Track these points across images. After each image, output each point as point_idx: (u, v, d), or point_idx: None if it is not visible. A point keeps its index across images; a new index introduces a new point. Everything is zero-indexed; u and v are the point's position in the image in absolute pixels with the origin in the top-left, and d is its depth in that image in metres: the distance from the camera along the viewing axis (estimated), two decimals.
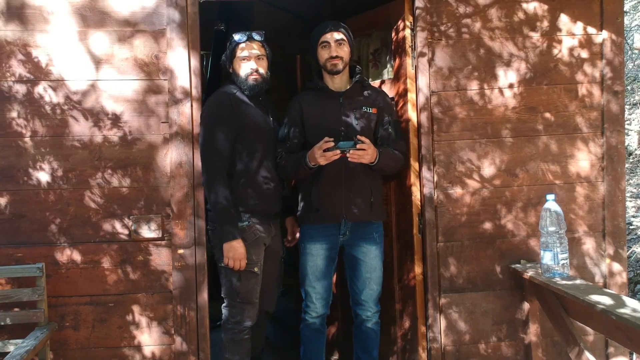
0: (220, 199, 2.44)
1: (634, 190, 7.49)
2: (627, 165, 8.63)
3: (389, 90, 2.80)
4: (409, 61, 2.66)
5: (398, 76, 2.75)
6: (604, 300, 1.96)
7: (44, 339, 2.30)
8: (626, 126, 9.44)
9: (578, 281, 2.30)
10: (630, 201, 7.13)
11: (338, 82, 2.59)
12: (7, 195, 2.51)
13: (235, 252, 2.45)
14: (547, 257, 2.35)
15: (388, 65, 2.88)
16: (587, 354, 2.15)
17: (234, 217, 2.47)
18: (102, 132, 2.54)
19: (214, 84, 4.14)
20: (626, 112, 9.38)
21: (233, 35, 2.58)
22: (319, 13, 3.81)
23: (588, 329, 2.58)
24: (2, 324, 2.40)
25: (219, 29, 4.43)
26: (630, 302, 1.92)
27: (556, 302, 2.34)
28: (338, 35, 2.52)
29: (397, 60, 2.75)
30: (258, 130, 2.56)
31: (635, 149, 8.95)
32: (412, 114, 2.67)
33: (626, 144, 9.15)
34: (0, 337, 2.45)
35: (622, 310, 1.84)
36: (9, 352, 2.30)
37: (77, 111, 2.53)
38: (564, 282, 2.27)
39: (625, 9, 7.69)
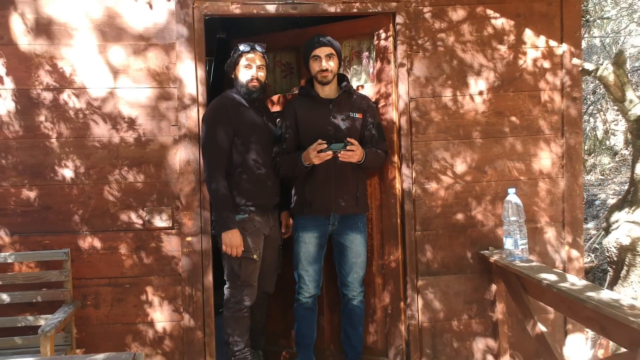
0: (220, 188, 2.78)
1: (617, 189, 7.82)
2: (612, 164, 8.97)
3: (370, 90, 3.13)
4: (390, 67, 3.01)
5: (379, 78, 3.09)
6: (550, 277, 2.30)
7: (70, 313, 2.64)
8: (612, 126, 9.78)
9: (534, 263, 2.65)
10: (613, 199, 7.45)
11: (328, 90, 2.94)
12: (36, 189, 2.86)
13: (232, 240, 2.79)
14: (508, 243, 2.70)
15: (362, 72, 3.21)
16: (539, 325, 2.49)
17: (232, 205, 2.81)
18: (119, 133, 2.88)
19: (216, 88, 4.48)
20: (613, 114, 9.72)
21: (238, 45, 2.92)
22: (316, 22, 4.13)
23: (550, 308, 2.92)
24: (34, 301, 2.75)
25: (221, 37, 4.78)
26: (570, 278, 2.26)
27: (517, 282, 2.68)
28: (328, 50, 2.86)
29: (379, 64, 3.08)
30: (254, 131, 2.89)
31: (621, 149, 9.27)
32: (393, 114, 3.02)
33: (612, 143, 9.51)
34: (31, 313, 2.79)
35: (562, 285, 2.18)
36: (39, 325, 2.66)
37: (97, 115, 2.87)
38: (522, 264, 2.61)
39: (608, 15, 8.02)
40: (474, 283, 3.02)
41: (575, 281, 2.22)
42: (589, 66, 2.22)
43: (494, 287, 2.97)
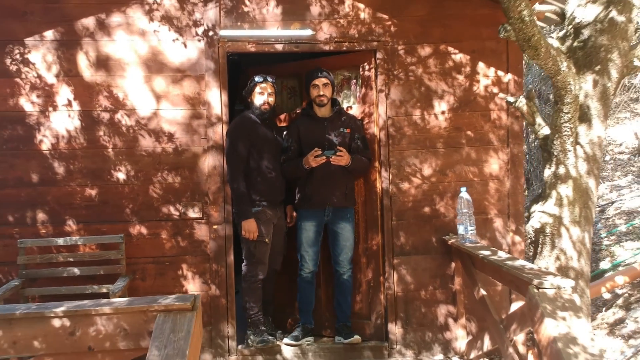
0: (240, 187, 3.61)
1: None
2: None
3: (357, 110, 3.96)
4: (373, 92, 3.83)
5: (364, 101, 3.92)
6: (486, 253, 3.13)
7: (127, 283, 3.46)
8: None
9: (478, 244, 3.47)
10: None
11: (324, 111, 3.77)
12: (96, 188, 3.67)
13: (249, 227, 3.61)
14: (461, 229, 3.52)
15: (351, 96, 4.03)
16: (481, 290, 3.31)
17: (249, 200, 3.63)
18: (161, 145, 3.70)
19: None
20: None
21: (254, 76, 3.73)
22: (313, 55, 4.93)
23: (498, 282, 3.73)
24: (97, 274, 3.57)
25: (233, 58, 5.59)
26: (500, 253, 3.09)
27: (468, 259, 3.50)
28: (324, 80, 3.69)
29: (364, 90, 3.91)
30: (266, 143, 3.72)
31: None
32: (375, 129, 3.84)
33: None
34: (93, 283, 3.60)
35: (492, 257, 3.00)
36: (102, 292, 3.48)
37: (144, 131, 3.69)
38: (470, 244, 3.43)
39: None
40: (437, 261, 3.84)
41: (502, 255, 3.04)
42: (510, 99, 3.02)
43: (453, 264, 3.79)
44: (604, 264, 5.54)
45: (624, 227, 6.10)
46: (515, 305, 3.83)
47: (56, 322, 2.24)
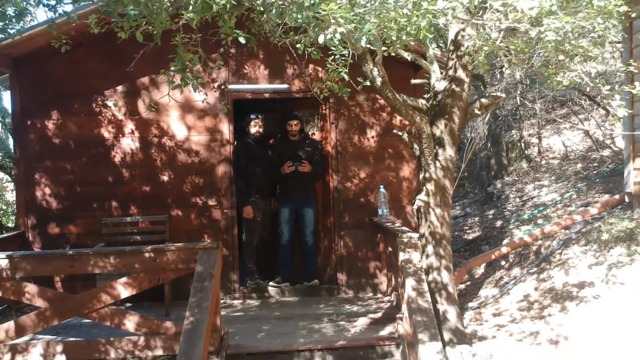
0: (242, 185, 5.70)
1: (520, 187, 10.71)
2: (527, 167, 11.84)
3: (318, 135, 6.05)
4: (328, 124, 5.93)
5: (322, 129, 6.01)
6: (389, 224, 5.21)
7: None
8: (534, 140, 12.67)
9: (389, 221, 5.55)
10: (513, 195, 10.35)
11: (294, 136, 5.88)
12: (149, 186, 5.75)
13: (247, 211, 5.71)
14: (380, 212, 5.60)
15: (315, 126, 6.13)
16: (389, 247, 5.39)
17: (247, 194, 5.72)
18: (191, 158, 5.78)
19: None
20: (529, 129, 12.64)
21: (250, 114, 5.83)
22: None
23: None
24: (151, 240, 5.64)
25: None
26: (396, 224, 5.16)
27: (384, 230, 5.58)
28: (295, 121, 5.81)
29: (322, 122, 6.01)
30: (258, 158, 5.81)
31: (535, 157, 12.18)
32: (329, 148, 5.93)
33: (529, 152, 12.40)
34: None
35: (391, 226, 5.08)
36: None
37: (180, 150, 5.78)
38: (384, 221, 5.51)
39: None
40: (369, 233, 5.92)
41: (396, 225, 5.12)
42: (399, 133, 5.07)
43: (378, 235, 5.87)
44: (506, 241, 7.62)
45: (526, 215, 8.18)
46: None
47: (146, 254, 4.30)
